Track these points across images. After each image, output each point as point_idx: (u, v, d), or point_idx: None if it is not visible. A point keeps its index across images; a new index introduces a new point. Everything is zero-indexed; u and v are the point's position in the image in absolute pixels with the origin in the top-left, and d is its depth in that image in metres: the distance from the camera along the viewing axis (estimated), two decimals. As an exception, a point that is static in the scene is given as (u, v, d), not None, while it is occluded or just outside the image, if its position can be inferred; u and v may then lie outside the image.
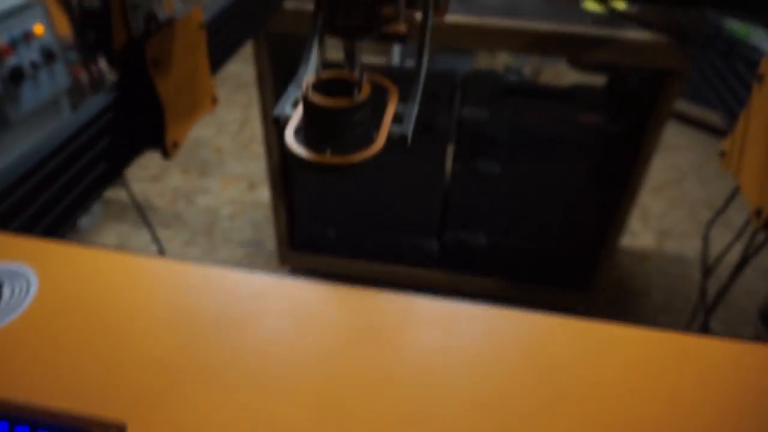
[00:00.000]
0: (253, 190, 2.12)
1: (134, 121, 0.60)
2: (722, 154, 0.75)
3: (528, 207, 1.50)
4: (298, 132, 0.48)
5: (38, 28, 1.29)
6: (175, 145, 0.67)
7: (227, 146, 2.38)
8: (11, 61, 1.28)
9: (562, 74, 2.14)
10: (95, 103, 0.55)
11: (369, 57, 2.34)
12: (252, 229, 1.95)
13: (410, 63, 2.01)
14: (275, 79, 1.36)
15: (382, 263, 1.65)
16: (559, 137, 1.37)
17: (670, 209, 2.17)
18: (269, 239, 1.89)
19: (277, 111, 0.49)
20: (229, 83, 2.70)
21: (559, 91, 1.45)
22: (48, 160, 0.51)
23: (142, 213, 1.00)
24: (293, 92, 0.50)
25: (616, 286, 1.82)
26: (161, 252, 1.03)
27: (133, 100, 0.60)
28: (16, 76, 1.27)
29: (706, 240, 0.97)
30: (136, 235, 1.89)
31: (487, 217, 1.55)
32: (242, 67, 2.33)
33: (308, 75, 0.59)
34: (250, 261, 1.83)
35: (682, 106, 2.55)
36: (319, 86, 0.48)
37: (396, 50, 2.00)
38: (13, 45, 1.26)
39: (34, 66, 1.30)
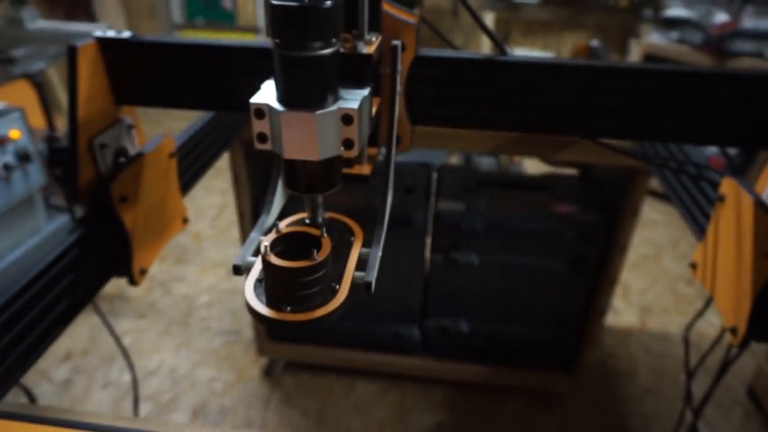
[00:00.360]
0: (231, 278, 2.10)
1: (99, 256, 0.59)
2: (694, 266, 0.76)
3: (508, 294, 1.50)
4: (261, 282, 0.48)
5: (14, 133, 1.30)
6: (142, 271, 0.66)
7: (206, 232, 2.37)
8: (-16, 164, 1.30)
9: (534, 162, 2.20)
10: (58, 241, 0.54)
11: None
12: (230, 318, 1.91)
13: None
14: (251, 179, 1.38)
15: (362, 351, 1.62)
16: (535, 226, 1.39)
17: (650, 285, 2.19)
18: (247, 328, 1.85)
19: (239, 260, 0.49)
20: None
21: (533, 181, 1.49)
22: (7, 306, 0.49)
23: (104, 318, 0.97)
24: (255, 239, 0.50)
25: (601, 367, 1.80)
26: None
27: (99, 235, 0.59)
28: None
29: (686, 342, 0.96)
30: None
31: (467, 304, 1.54)
32: (223, 151, 2.37)
33: (269, 221, 0.59)
34: (228, 351, 1.78)
35: (655, 182, 2.62)
36: (279, 242, 0.48)
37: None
38: (-13, 150, 1.27)
39: (7, 168, 1.30)
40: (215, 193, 2.64)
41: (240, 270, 0.49)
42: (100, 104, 0.60)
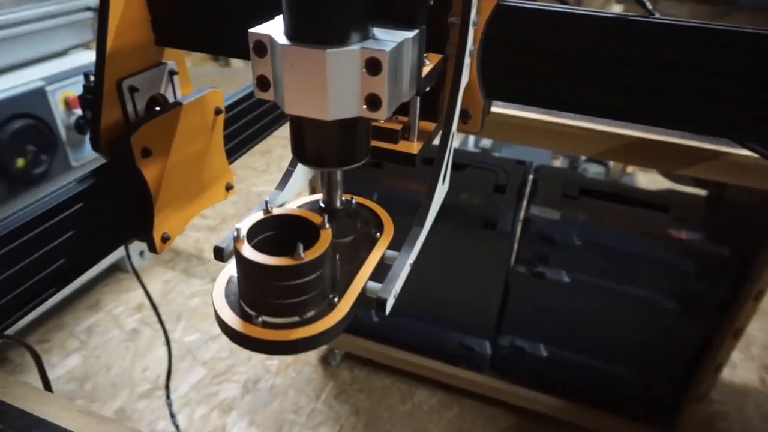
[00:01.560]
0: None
1: (111, 214, 0.52)
2: None
3: (599, 323, 1.30)
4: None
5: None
6: (165, 239, 0.58)
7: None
8: (78, 112, 1.32)
9: (654, 171, 1.93)
10: (64, 190, 0.47)
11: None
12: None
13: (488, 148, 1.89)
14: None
15: (425, 357, 1.49)
16: (643, 251, 1.18)
17: (777, 339, 1.85)
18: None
19: (223, 242, 0.38)
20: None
21: (647, 196, 1.27)
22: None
23: (155, 308, 0.94)
24: (256, 217, 0.39)
25: (706, 427, 1.53)
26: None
27: (113, 189, 0.52)
28: (80, 126, 1.29)
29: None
30: (181, 284, 1.86)
31: (550, 326, 1.36)
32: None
33: (281, 198, 0.48)
34: (291, 331, 1.73)
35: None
36: (264, 227, 0.37)
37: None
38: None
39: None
40: (276, 161, 2.61)
41: (222, 255, 0.39)
42: (134, 38, 0.52)
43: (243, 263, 0.32)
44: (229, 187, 0.67)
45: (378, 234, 0.43)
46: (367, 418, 1.46)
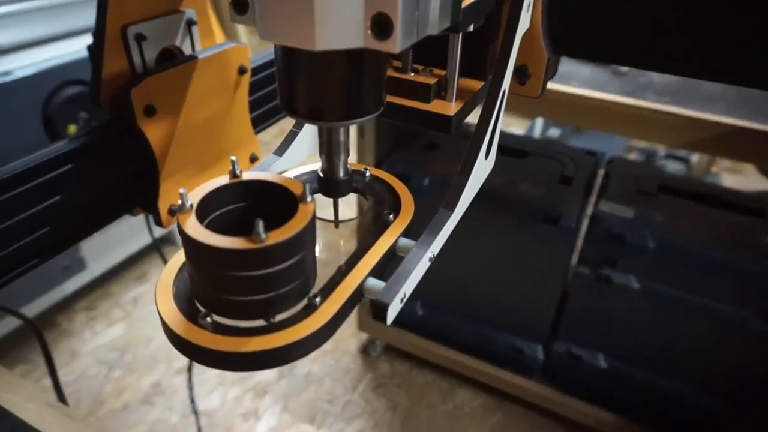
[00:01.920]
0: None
1: (106, 179, 0.45)
2: None
3: (672, 338, 1.15)
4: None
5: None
6: (174, 211, 0.51)
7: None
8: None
9: (743, 172, 1.73)
10: (51, 149, 0.41)
11: (509, 126, 2.09)
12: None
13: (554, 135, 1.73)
14: (380, 132, 1.20)
15: (471, 357, 1.39)
16: (730, 260, 1.02)
17: None
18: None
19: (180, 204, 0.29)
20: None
21: (739, 199, 1.11)
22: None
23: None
24: (215, 182, 0.30)
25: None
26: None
27: (109, 151, 0.45)
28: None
29: None
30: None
31: (611, 335, 1.23)
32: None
33: (280, 165, 0.40)
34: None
35: None
36: (231, 196, 0.29)
37: (539, 120, 1.73)
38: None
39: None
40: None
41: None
42: (143, -23, 0.45)
43: (185, 242, 0.25)
44: (253, 159, 0.60)
45: (391, 216, 0.34)
46: (404, 415, 1.38)
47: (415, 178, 1.20)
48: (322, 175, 0.34)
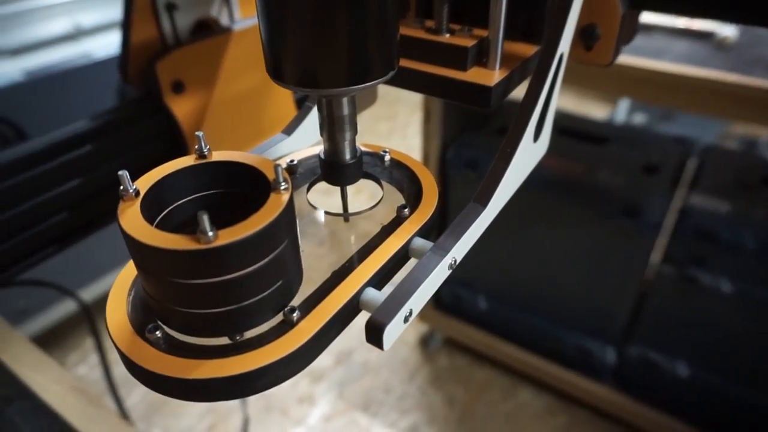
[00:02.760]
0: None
1: (134, 160, 0.42)
2: None
3: (765, 349, 1.02)
4: None
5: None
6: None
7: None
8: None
9: None
10: (70, 128, 0.38)
11: (589, 110, 1.93)
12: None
13: (640, 121, 1.57)
14: (446, 116, 1.13)
15: (535, 355, 1.31)
16: None
17: None
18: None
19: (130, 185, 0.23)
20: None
21: None
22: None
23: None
24: (177, 164, 0.24)
25: None
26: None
27: (140, 130, 0.41)
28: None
29: None
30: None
31: (695, 342, 1.10)
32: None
33: (289, 146, 0.34)
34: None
35: None
36: (197, 179, 0.23)
37: (623, 104, 1.57)
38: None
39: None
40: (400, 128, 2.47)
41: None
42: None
43: (123, 236, 0.20)
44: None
45: (407, 210, 0.28)
46: (461, 411, 1.33)
47: (483, 165, 1.13)
48: (324, 157, 0.29)
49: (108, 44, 1.26)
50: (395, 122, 2.49)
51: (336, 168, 0.29)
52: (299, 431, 1.28)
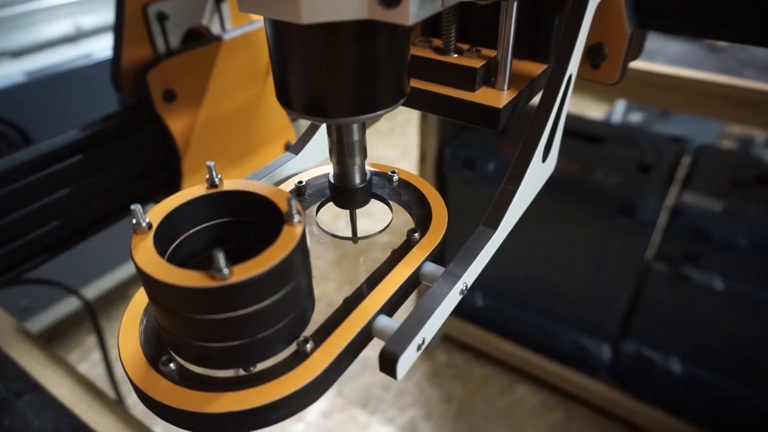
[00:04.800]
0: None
1: (126, 169, 0.43)
2: None
3: (758, 346, 1.03)
4: None
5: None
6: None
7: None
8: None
9: None
10: (60, 138, 0.39)
11: (586, 109, 1.93)
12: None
13: (636, 120, 1.58)
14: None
15: (534, 353, 1.32)
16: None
17: None
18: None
19: (142, 218, 0.23)
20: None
21: None
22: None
23: None
24: (187, 194, 0.24)
25: None
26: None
27: (132, 139, 0.43)
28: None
29: None
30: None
31: (688, 339, 1.12)
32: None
33: (295, 165, 0.35)
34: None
35: None
36: (208, 210, 0.24)
37: (620, 103, 1.57)
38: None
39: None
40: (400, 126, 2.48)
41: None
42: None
43: (137, 271, 0.20)
44: (288, 146, 0.57)
45: (417, 234, 0.29)
46: (459, 408, 1.34)
47: (481, 164, 1.14)
48: (333, 182, 0.29)
49: (108, 46, 1.28)
50: (395, 120, 2.49)
51: (345, 192, 0.29)
52: (298, 427, 1.30)
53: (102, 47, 1.27)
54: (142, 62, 0.43)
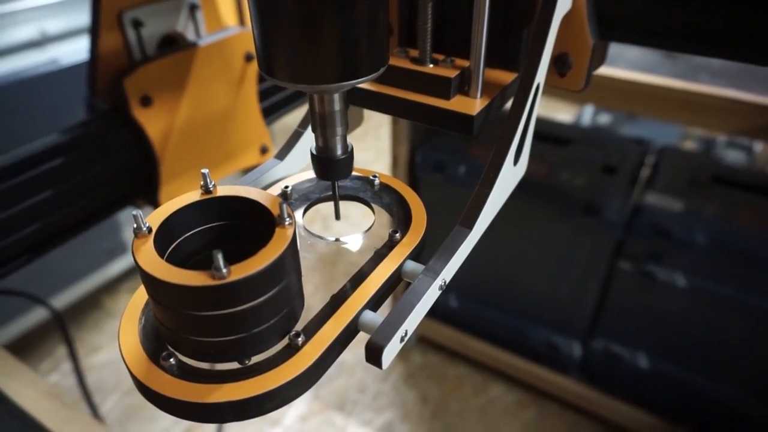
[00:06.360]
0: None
1: (101, 173, 0.44)
2: None
3: (720, 340, 1.07)
4: None
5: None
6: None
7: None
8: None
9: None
10: (41, 142, 0.39)
11: (557, 111, 1.98)
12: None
13: (605, 123, 1.63)
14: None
15: (506, 351, 1.35)
16: (790, 259, 0.94)
17: None
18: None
19: (142, 222, 0.24)
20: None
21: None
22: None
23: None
24: (182, 200, 0.25)
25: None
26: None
27: (110, 143, 0.43)
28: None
29: None
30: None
31: (654, 335, 1.16)
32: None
33: (281, 170, 0.36)
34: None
35: None
36: (202, 215, 0.25)
37: (589, 106, 1.62)
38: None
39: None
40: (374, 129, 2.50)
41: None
42: (137, -41, 0.42)
43: (140, 272, 0.22)
44: (264, 150, 0.57)
45: (398, 235, 0.30)
46: (434, 408, 1.36)
47: (451, 167, 1.16)
48: (315, 153, 0.30)
49: (75, 51, 1.26)
50: (368, 124, 2.51)
51: (327, 163, 0.30)
52: (275, 432, 1.29)
53: (68, 52, 1.25)
54: (118, 67, 0.44)
